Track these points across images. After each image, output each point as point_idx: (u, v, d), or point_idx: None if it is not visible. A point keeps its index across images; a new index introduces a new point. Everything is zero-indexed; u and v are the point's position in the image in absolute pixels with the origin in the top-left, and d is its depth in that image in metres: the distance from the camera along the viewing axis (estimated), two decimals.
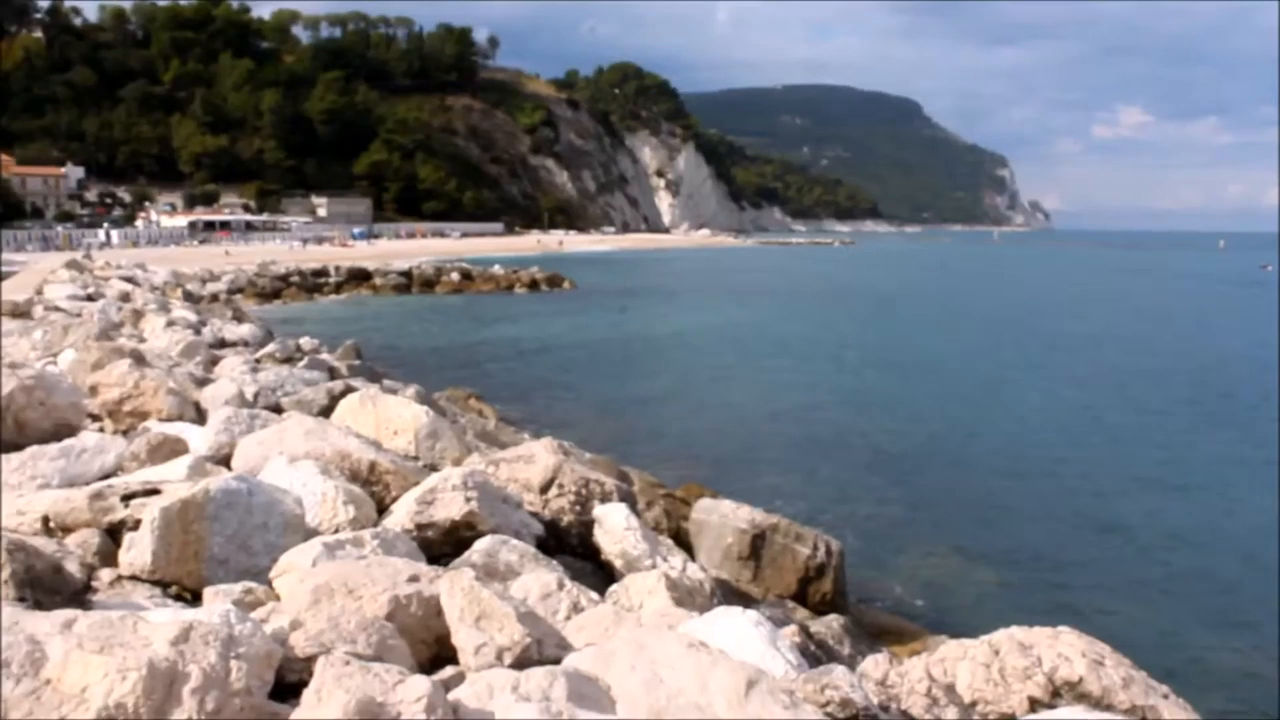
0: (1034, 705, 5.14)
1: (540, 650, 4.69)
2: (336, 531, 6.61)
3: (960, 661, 5.35)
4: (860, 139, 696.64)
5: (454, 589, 4.86)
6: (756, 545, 10.21)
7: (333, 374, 16.42)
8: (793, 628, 6.67)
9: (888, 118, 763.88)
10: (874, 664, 5.34)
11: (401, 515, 7.07)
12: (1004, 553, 15.45)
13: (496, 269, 75.65)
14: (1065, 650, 5.37)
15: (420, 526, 6.97)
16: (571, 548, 8.10)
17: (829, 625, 8.71)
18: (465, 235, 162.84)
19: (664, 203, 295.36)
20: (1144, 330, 50.74)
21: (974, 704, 5.20)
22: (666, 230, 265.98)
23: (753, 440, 23.20)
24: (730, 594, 9.07)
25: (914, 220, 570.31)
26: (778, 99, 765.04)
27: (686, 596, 6.55)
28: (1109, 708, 5.14)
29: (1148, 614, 13.10)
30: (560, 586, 5.99)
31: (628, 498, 8.72)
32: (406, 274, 70.26)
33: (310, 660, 4.15)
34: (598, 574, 7.71)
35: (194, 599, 5.53)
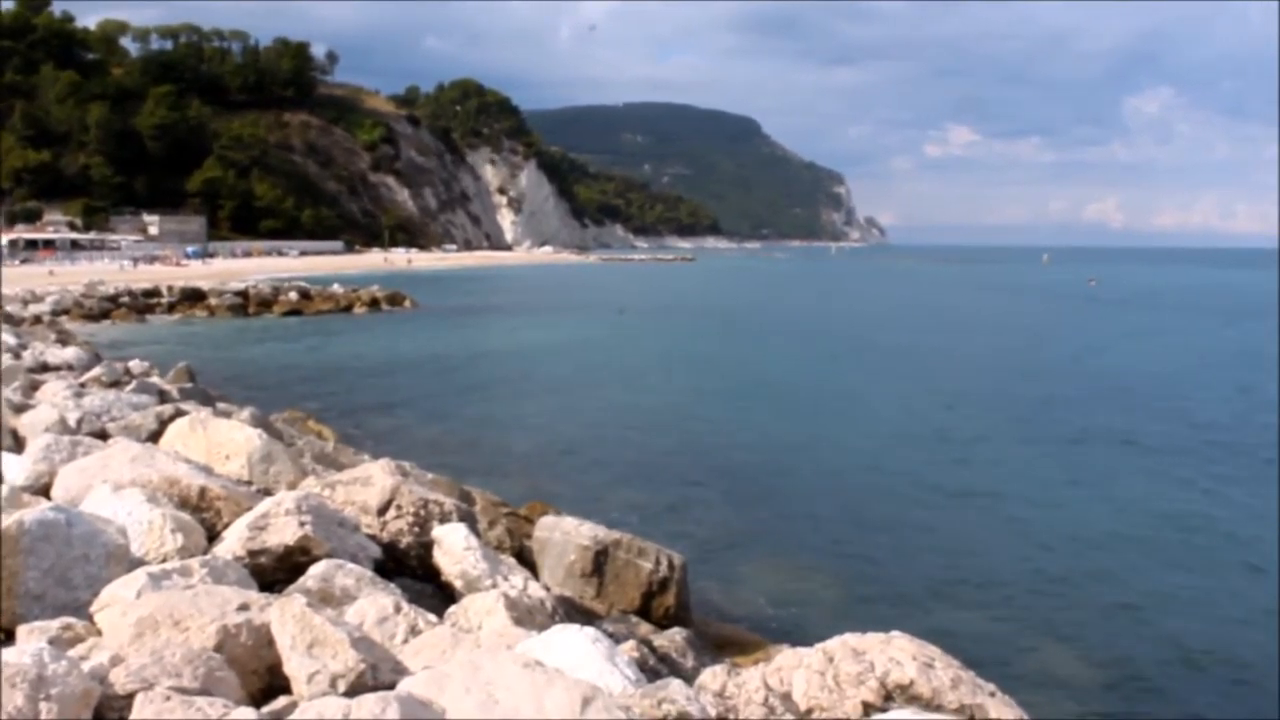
0: (868, 710, 5.26)
1: (375, 676, 4.61)
2: (164, 561, 6.40)
3: (796, 670, 5.44)
4: (701, 157, 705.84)
5: (285, 616, 4.74)
6: (599, 561, 10.21)
7: (163, 398, 15.87)
8: (631, 643, 6.69)
9: (727, 136, 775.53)
10: (712, 676, 5.39)
11: (233, 542, 6.87)
12: (844, 561, 15.80)
13: (336, 288, 74.25)
14: (897, 654, 5.51)
15: (253, 553, 6.78)
16: (411, 570, 7.98)
17: (672, 639, 8.76)
18: (304, 254, 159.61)
19: (506, 220, 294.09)
20: (976, 344, 52.49)
21: (810, 711, 5.29)
22: (509, 248, 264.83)
23: (596, 456, 23.25)
24: (574, 611, 9.05)
25: (754, 236, 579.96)
26: (619, 117, 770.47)
27: (526, 616, 6.52)
28: (939, 708, 5.30)
29: (978, 615, 13.57)
30: (397, 610, 5.88)
31: (468, 517, 8.64)
32: (243, 294, 68.42)
33: (131, 697, 4.00)
34: (438, 595, 7.62)
35: (7, 638, 5.27)
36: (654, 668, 6.55)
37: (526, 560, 10.53)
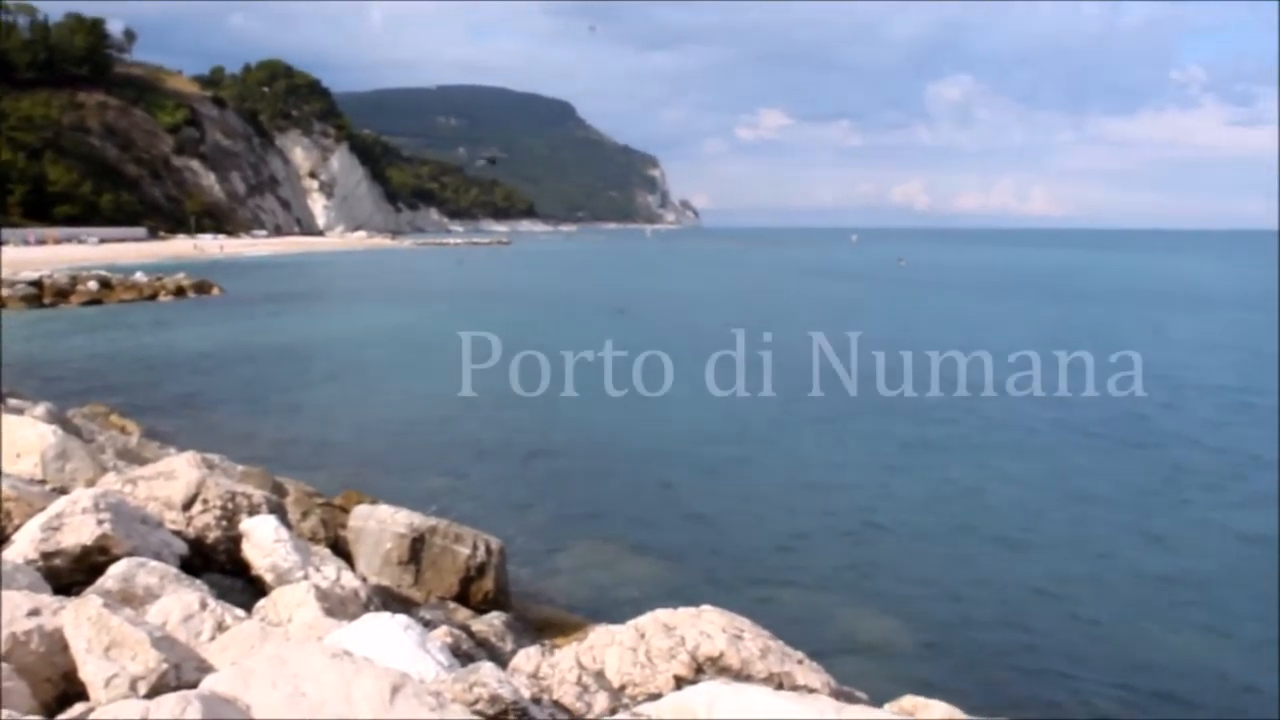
0: (679, 683, 5.37)
1: (179, 675, 4.49)
2: None
3: (609, 647, 5.52)
4: (516, 140, 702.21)
5: (79, 619, 4.57)
6: (416, 548, 10.14)
7: None
8: (444, 629, 6.68)
9: (542, 119, 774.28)
10: (526, 657, 5.43)
11: (24, 544, 6.58)
12: (662, 539, 16.06)
13: (139, 276, 71.32)
14: (707, 628, 5.64)
15: (46, 555, 6.51)
16: (220, 565, 7.80)
17: (490, 623, 8.78)
18: (105, 241, 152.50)
19: (318, 205, 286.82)
20: (790, 326, 53.57)
21: (623, 688, 5.38)
22: (321, 233, 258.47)
23: (414, 443, 23.03)
24: (391, 600, 8.97)
25: (569, 219, 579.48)
26: (433, 99, 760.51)
27: (339, 606, 6.44)
28: (749, 678, 5.45)
29: (790, 586, 14.00)
30: (203, 606, 5.73)
31: (278, 509, 8.48)
32: (37, 284, 64.86)
33: None
34: (249, 590, 7.47)
35: None
36: (468, 652, 6.56)
37: (342, 551, 10.38)
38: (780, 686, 5.41)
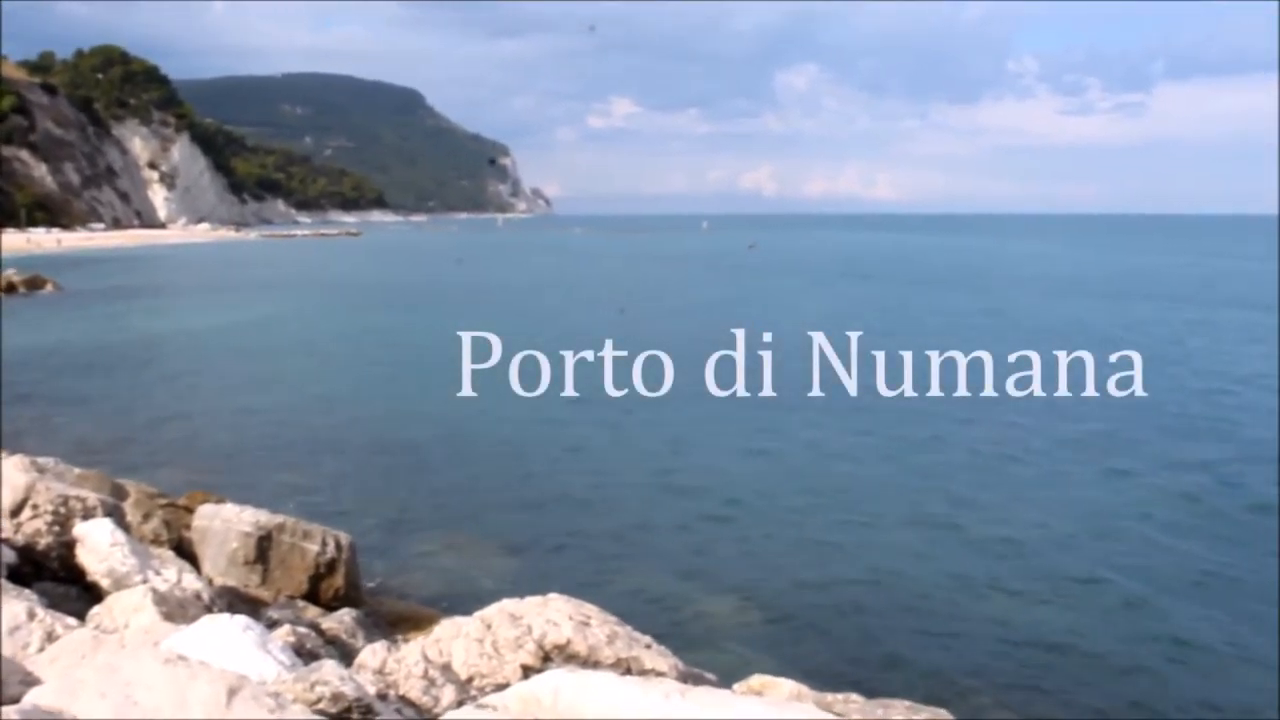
0: (527, 672, 5.37)
1: (1, 691, 4.31)
2: None
3: (455, 640, 5.50)
4: (364, 129, 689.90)
5: None
6: (263, 547, 9.92)
7: None
8: (287, 628, 6.55)
9: (391, 107, 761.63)
10: (372, 653, 5.37)
11: None
12: (515, 531, 16.08)
13: None
14: (553, 615, 5.66)
15: None
16: (52, 572, 7.51)
17: (341, 620, 8.64)
18: None
19: (158, 196, 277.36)
20: (642, 317, 53.76)
21: (471, 679, 5.36)
22: (162, 225, 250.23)
23: (262, 441, 22.52)
24: (237, 601, 8.77)
25: (420, 209, 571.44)
26: (278, 88, 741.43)
27: (179, 610, 6.27)
28: (596, 664, 5.47)
29: (639, 574, 14.16)
30: (31, 616, 5.53)
31: (115, 512, 8.21)
32: None
33: None
34: (84, 597, 7.21)
35: None
36: (313, 651, 6.43)
37: (187, 552, 10.11)
38: (628, 671, 5.45)
